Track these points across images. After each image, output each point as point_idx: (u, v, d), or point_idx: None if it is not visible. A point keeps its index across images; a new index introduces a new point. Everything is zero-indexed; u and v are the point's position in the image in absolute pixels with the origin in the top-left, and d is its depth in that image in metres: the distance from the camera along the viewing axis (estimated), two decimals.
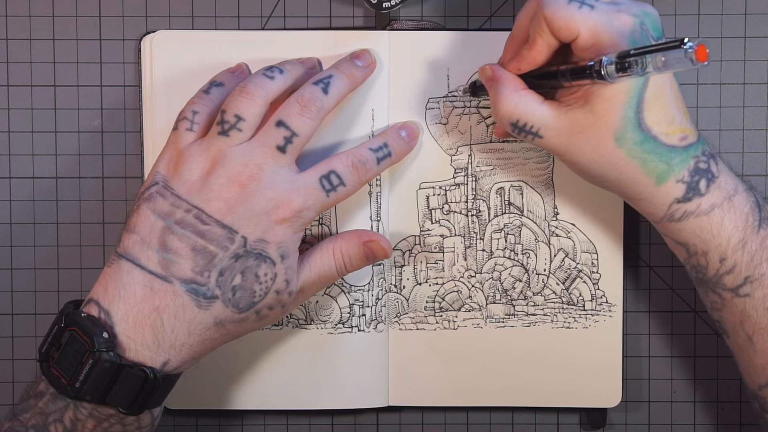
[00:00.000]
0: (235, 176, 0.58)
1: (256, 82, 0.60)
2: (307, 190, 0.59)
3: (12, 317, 0.71)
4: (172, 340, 0.57)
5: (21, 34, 0.70)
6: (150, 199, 0.58)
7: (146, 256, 0.58)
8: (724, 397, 0.71)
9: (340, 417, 0.72)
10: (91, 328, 0.56)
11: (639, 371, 0.71)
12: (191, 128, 0.60)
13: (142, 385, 0.57)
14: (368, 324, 0.69)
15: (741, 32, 0.70)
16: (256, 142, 0.59)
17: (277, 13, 0.70)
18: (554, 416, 0.71)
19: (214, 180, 0.58)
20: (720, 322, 0.62)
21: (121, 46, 0.70)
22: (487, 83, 0.61)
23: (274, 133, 0.59)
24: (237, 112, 0.59)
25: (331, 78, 0.62)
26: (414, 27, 0.69)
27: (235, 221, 0.58)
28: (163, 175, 0.59)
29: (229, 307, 0.58)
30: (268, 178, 0.58)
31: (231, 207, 0.58)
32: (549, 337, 0.69)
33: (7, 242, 0.70)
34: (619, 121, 0.56)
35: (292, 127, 0.59)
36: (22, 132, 0.70)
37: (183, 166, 0.59)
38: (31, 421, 0.58)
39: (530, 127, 0.58)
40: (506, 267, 0.69)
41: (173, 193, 0.58)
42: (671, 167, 0.58)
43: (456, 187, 0.69)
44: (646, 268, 0.71)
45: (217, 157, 0.58)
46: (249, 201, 0.58)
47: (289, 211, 0.58)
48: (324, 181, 0.60)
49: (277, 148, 0.59)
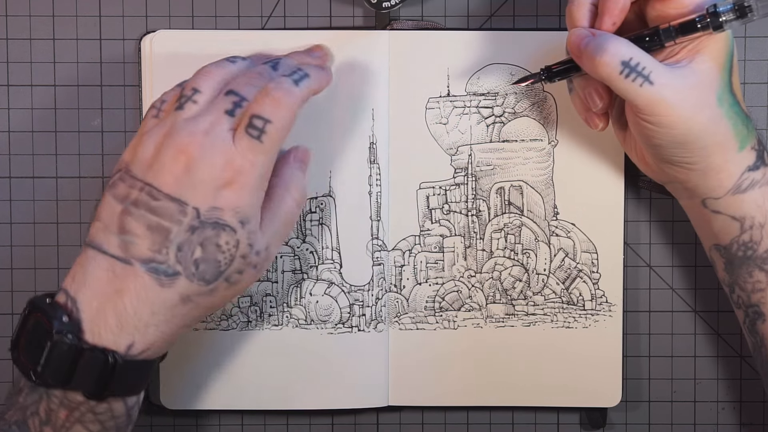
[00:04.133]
0: (182, 147, 0.57)
1: (216, 63, 0.60)
2: (241, 145, 0.57)
3: (12, 317, 0.71)
4: (136, 322, 0.57)
5: (21, 34, 0.70)
6: (113, 186, 0.58)
7: (108, 241, 0.57)
8: (724, 397, 0.71)
9: (340, 417, 0.72)
10: (51, 313, 0.56)
11: (639, 371, 0.71)
12: (157, 115, 0.60)
13: (103, 368, 0.56)
14: (368, 324, 0.69)
15: (741, 32, 0.70)
16: (205, 111, 0.58)
17: (277, 13, 0.70)
18: (554, 416, 0.72)
19: (163, 154, 0.57)
20: (759, 304, 0.62)
21: (121, 46, 0.70)
22: (583, 41, 0.58)
23: (222, 100, 0.58)
24: (194, 85, 0.59)
25: (280, 59, 0.62)
26: (414, 27, 0.69)
27: (183, 192, 0.56)
28: (125, 160, 0.59)
29: (194, 281, 0.57)
30: (211, 144, 0.57)
31: (178, 179, 0.56)
32: (549, 337, 0.69)
33: (7, 242, 0.70)
34: (719, 81, 0.58)
35: (241, 93, 0.58)
36: (22, 132, 0.70)
37: (140, 147, 0.58)
38: (13, 417, 0.58)
39: (643, 68, 0.56)
40: (506, 267, 0.69)
41: (131, 175, 0.57)
42: (749, 132, 0.60)
43: (456, 187, 0.69)
44: (646, 268, 0.71)
45: (169, 131, 0.58)
46: (193, 169, 0.56)
47: (231, 172, 0.57)
48: (250, 130, 0.58)
49: (225, 112, 0.58)
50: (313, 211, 0.69)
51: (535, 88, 0.68)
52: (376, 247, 0.69)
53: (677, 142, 0.58)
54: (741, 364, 0.71)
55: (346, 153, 0.68)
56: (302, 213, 0.69)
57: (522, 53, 0.68)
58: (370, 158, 0.68)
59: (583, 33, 0.59)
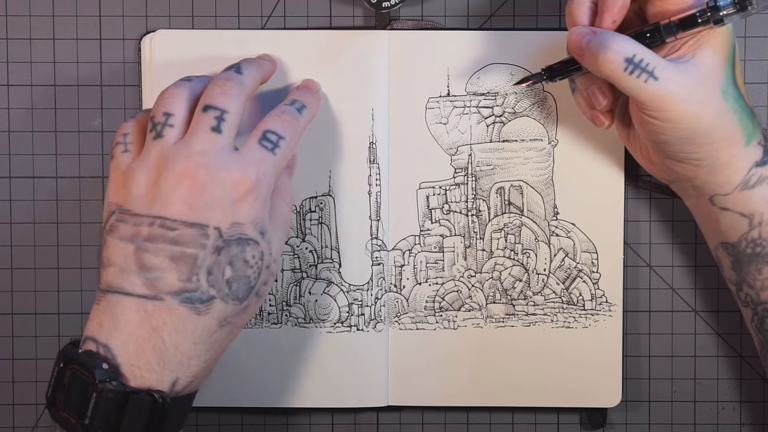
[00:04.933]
0: (182, 172, 0.56)
1: (175, 84, 0.60)
2: (255, 156, 0.58)
3: (12, 317, 0.71)
4: (179, 357, 0.56)
5: (21, 34, 0.70)
6: (113, 230, 0.57)
7: (130, 282, 0.56)
8: (724, 397, 0.71)
9: (340, 416, 0.72)
10: (90, 362, 0.55)
11: (639, 371, 0.71)
12: (126, 149, 0.59)
13: (152, 410, 0.55)
14: (367, 323, 0.69)
15: (741, 32, 0.70)
16: (190, 133, 0.58)
17: (277, 13, 0.70)
18: (554, 416, 0.71)
19: (163, 184, 0.56)
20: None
21: (121, 46, 0.70)
22: (584, 39, 0.58)
23: (203, 118, 0.58)
24: (164, 110, 0.59)
25: (241, 62, 0.62)
26: (414, 27, 0.69)
27: (200, 215, 0.56)
28: (115, 202, 0.58)
29: (230, 302, 0.57)
30: (214, 161, 0.57)
31: (190, 203, 0.56)
32: (549, 337, 0.69)
33: (7, 242, 0.70)
34: (723, 75, 0.58)
35: (219, 106, 0.58)
36: (22, 132, 0.70)
37: (130, 184, 0.57)
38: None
39: (647, 64, 0.56)
40: (506, 267, 0.69)
41: (131, 214, 0.57)
42: (755, 127, 0.60)
43: (456, 186, 0.69)
44: (646, 268, 0.71)
45: (159, 162, 0.57)
46: (205, 190, 0.56)
47: (248, 183, 0.57)
48: (264, 142, 0.59)
49: (212, 130, 0.57)
50: (313, 210, 0.69)
51: (535, 88, 0.68)
52: (375, 247, 0.69)
53: (684, 138, 0.58)
54: (741, 364, 0.71)
55: (346, 153, 0.68)
56: (302, 212, 0.69)
57: (522, 53, 0.68)
58: (370, 158, 0.68)
59: (585, 31, 0.59)
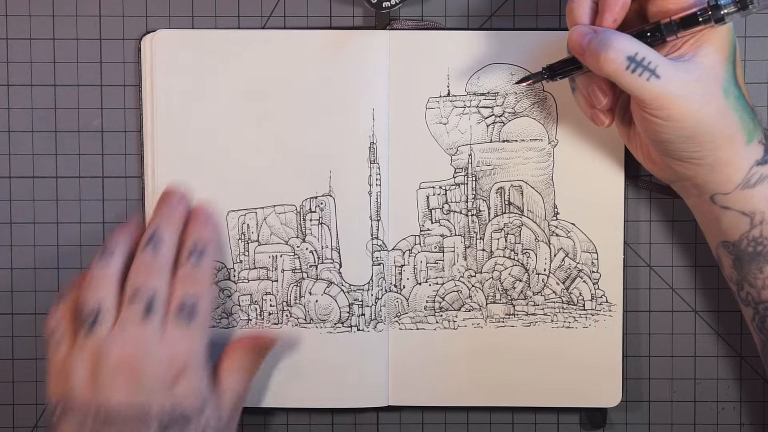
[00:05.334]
0: (119, 362, 0.59)
1: (92, 271, 0.62)
2: (177, 336, 0.61)
3: (12, 317, 0.71)
4: None
5: (21, 34, 0.70)
6: (56, 426, 0.60)
7: None
8: (724, 397, 0.71)
9: (340, 416, 0.72)
10: None
11: (639, 371, 0.71)
12: (59, 341, 0.62)
13: None
14: (367, 323, 0.69)
15: (741, 32, 0.70)
16: (121, 322, 0.61)
17: (277, 13, 0.70)
18: (554, 416, 0.71)
19: (103, 375, 0.59)
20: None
21: (121, 46, 0.70)
22: (585, 38, 0.58)
23: (134, 302, 0.61)
24: (92, 303, 0.61)
25: (156, 230, 0.64)
26: (414, 27, 0.69)
27: (142, 399, 0.59)
28: (58, 394, 0.60)
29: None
30: (145, 347, 0.60)
31: (130, 389, 0.59)
32: (549, 337, 0.69)
33: (8, 242, 0.70)
34: (724, 74, 0.58)
35: (146, 288, 0.61)
36: (22, 132, 0.70)
37: (70, 377, 0.60)
38: None
39: (649, 62, 0.56)
40: (506, 267, 0.69)
41: (74, 407, 0.59)
42: (756, 126, 0.60)
43: (456, 186, 0.69)
44: (646, 268, 0.71)
45: (95, 355, 0.60)
46: (142, 376, 0.59)
47: (179, 364, 0.60)
48: (182, 316, 0.61)
49: (145, 310, 0.61)
50: (313, 210, 0.69)
51: (535, 87, 0.68)
52: (375, 247, 0.69)
53: (685, 136, 0.58)
54: (741, 364, 0.71)
55: (346, 153, 0.68)
56: (302, 212, 0.69)
57: (522, 53, 0.68)
58: (370, 158, 0.68)
59: (585, 30, 0.58)
